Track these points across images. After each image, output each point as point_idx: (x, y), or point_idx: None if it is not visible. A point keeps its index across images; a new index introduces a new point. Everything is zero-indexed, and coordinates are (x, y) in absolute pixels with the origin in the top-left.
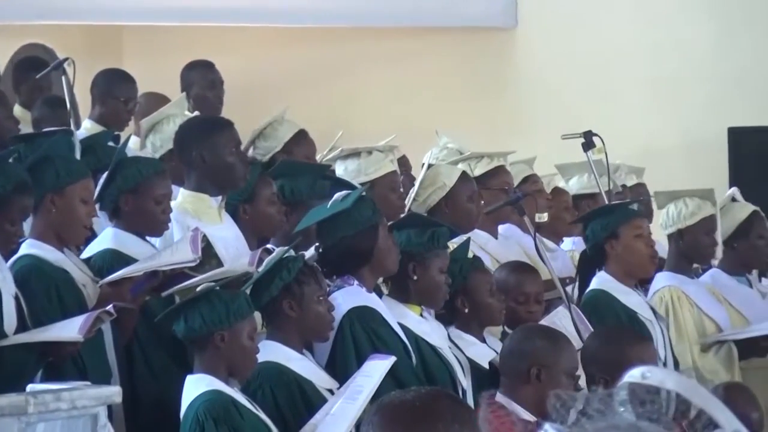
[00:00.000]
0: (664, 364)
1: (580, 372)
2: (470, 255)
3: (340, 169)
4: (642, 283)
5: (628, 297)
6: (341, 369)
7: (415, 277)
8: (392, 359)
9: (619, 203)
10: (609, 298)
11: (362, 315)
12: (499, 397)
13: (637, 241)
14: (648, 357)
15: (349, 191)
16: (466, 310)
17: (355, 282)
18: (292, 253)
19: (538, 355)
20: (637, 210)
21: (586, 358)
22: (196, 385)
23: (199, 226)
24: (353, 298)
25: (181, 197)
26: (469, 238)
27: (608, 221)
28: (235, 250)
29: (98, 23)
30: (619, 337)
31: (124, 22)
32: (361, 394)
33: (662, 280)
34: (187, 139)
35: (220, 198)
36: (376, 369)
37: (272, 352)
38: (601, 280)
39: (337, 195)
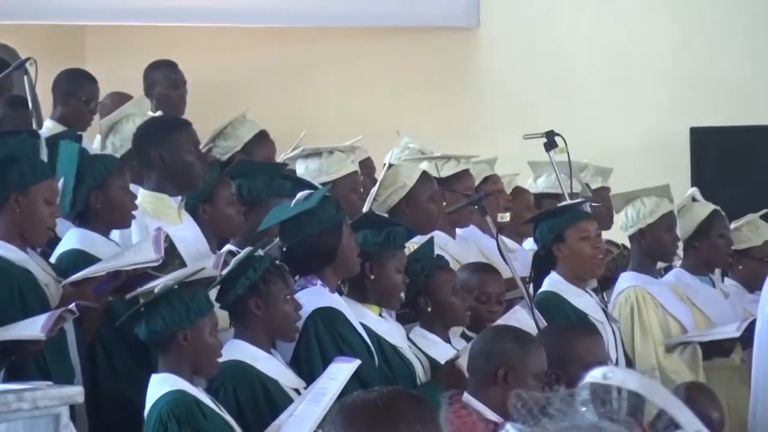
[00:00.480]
0: (616, 365)
1: None
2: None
3: (301, 169)
4: (605, 286)
5: (579, 299)
6: (306, 370)
7: (372, 277)
8: (357, 362)
9: (567, 205)
10: (559, 300)
11: (326, 316)
12: (466, 397)
13: (582, 243)
14: (596, 350)
15: (313, 191)
16: (429, 309)
17: (319, 282)
18: (259, 252)
19: (507, 357)
20: (585, 212)
21: None
22: (160, 385)
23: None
24: (317, 298)
25: (141, 197)
26: (432, 237)
27: (554, 224)
28: (195, 250)
29: (61, 23)
30: (567, 332)
31: (87, 22)
32: (325, 397)
33: (627, 280)
34: (146, 139)
35: (179, 198)
36: (340, 371)
37: (238, 350)
38: (551, 282)
39: (301, 194)
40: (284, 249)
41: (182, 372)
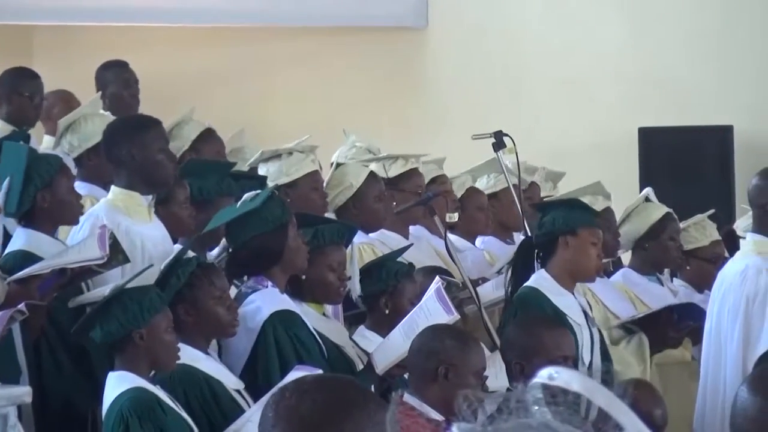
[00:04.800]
0: (590, 367)
1: (488, 372)
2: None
3: (262, 172)
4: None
5: (561, 298)
6: (264, 374)
7: (304, 276)
8: (318, 372)
9: (588, 207)
10: (540, 296)
11: (285, 319)
12: (407, 397)
13: (591, 247)
14: (564, 343)
15: (258, 191)
16: (387, 312)
17: (269, 283)
18: (188, 254)
19: (446, 354)
20: (598, 222)
21: (504, 344)
22: (118, 383)
23: (129, 224)
24: (274, 300)
25: (112, 194)
26: (411, 243)
27: (571, 216)
28: (163, 250)
29: (8, 23)
30: (536, 324)
31: (35, 22)
32: None
33: None
34: (116, 137)
35: (150, 197)
36: None
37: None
38: (537, 279)
39: (247, 195)
40: (230, 250)
41: (140, 370)
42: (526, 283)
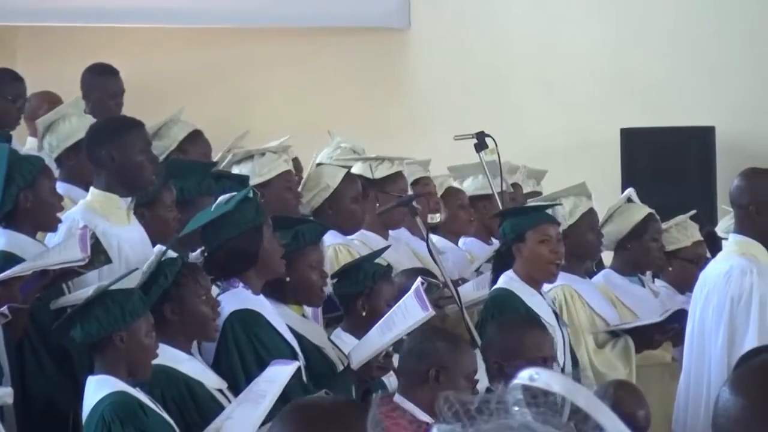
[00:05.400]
0: (562, 369)
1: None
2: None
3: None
4: None
5: (532, 298)
6: (226, 372)
7: (287, 278)
8: (296, 364)
9: (534, 206)
10: (513, 297)
11: (243, 318)
12: (398, 398)
13: (540, 246)
14: (544, 345)
15: (234, 194)
16: (364, 314)
17: (241, 284)
18: (170, 254)
19: (438, 357)
20: (548, 215)
21: (485, 344)
22: (98, 387)
23: (106, 226)
24: (237, 300)
25: (91, 196)
26: (389, 245)
27: (517, 223)
28: (141, 253)
29: None
30: (517, 325)
31: (18, 23)
32: (265, 399)
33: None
34: (97, 138)
35: (129, 199)
36: (279, 374)
37: (161, 354)
38: (507, 279)
39: (222, 197)
40: (205, 253)
41: (119, 374)
42: (497, 285)
